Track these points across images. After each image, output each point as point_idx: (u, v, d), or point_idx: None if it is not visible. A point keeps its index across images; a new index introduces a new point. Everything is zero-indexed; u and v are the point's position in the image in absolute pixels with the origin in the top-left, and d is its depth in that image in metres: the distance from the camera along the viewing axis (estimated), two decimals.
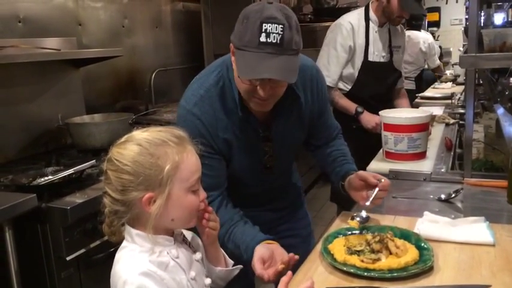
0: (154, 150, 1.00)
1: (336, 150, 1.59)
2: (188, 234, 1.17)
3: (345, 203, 1.64)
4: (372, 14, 2.55)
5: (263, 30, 1.16)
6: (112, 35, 2.92)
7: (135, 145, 1.01)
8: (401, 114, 2.14)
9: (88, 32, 2.73)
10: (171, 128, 1.08)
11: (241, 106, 1.35)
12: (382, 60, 2.58)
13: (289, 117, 1.43)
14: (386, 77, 2.61)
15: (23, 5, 2.34)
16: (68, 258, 1.72)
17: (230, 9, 3.43)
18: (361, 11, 2.59)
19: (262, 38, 1.17)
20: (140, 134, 1.04)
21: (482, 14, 3.06)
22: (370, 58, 2.52)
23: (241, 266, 1.25)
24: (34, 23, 2.39)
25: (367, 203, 1.40)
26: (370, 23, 2.53)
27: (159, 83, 3.27)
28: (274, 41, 1.17)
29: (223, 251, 1.24)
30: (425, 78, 5.41)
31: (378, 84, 2.55)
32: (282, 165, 1.55)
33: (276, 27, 1.17)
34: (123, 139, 1.05)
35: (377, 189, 1.40)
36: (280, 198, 1.64)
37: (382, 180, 1.41)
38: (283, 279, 0.95)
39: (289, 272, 0.97)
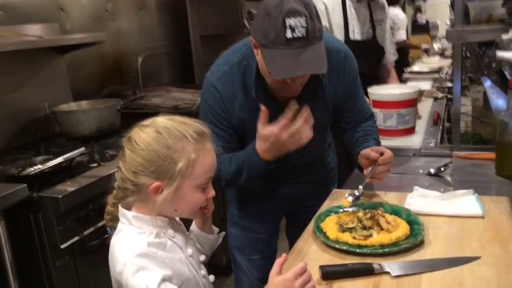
0: (173, 142, 1.00)
1: (360, 131, 1.58)
2: (178, 221, 1.18)
3: None
4: None
5: (287, 26, 1.17)
6: (95, 19, 2.87)
7: (155, 132, 1.01)
8: (389, 90, 2.14)
9: (71, 17, 2.68)
10: (196, 121, 1.07)
11: (257, 88, 1.38)
12: (364, 37, 2.50)
13: (312, 99, 1.43)
14: (369, 55, 2.53)
15: None
16: (62, 247, 1.72)
17: None
18: None
19: (288, 34, 1.17)
20: (163, 121, 1.04)
21: None
22: (352, 37, 2.44)
23: (223, 233, 1.29)
24: (15, 9, 2.33)
25: (366, 180, 1.41)
26: (346, 0, 2.46)
27: (146, 67, 3.22)
28: (300, 35, 1.18)
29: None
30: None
31: (362, 63, 2.49)
32: (306, 144, 1.55)
33: (300, 20, 1.17)
34: (146, 122, 1.05)
35: (376, 164, 1.41)
36: (307, 174, 1.66)
37: (385, 153, 1.42)
38: (278, 261, 0.96)
39: (284, 254, 0.98)
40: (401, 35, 5.38)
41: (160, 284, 0.95)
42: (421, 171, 1.74)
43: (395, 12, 5.38)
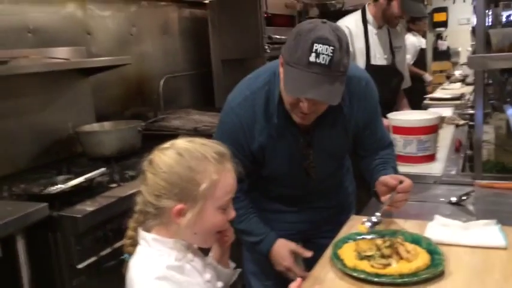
0: (195, 164, 1.01)
1: (379, 158, 1.57)
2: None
3: None
4: (369, 17, 2.52)
5: (313, 50, 1.19)
6: (120, 43, 2.95)
7: (176, 154, 1.02)
8: (409, 116, 2.13)
9: (97, 41, 2.76)
10: (215, 142, 1.08)
11: (279, 113, 1.39)
12: (384, 62, 2.55)
13: (332, 127, 1.44)
14: (390, 80, 2.58)
15: (32, 16, 2.37)
16: (79, 266, 1.73)
17: (237, 15, 3.46)
18: (357, 14, 2.55)
19: (312, 58, 1.19)
20: (183, 143, 1.05)
21: (490, 13, 3.04)
22: (373, 61, 2.49)
23: (239, 270, 1.28)
24: (44, 33, 2.42)
25: (384, 207, 1.39)
26: (368, 25, 2.50)
27: (168, 89, 3.28)
28: (323, 62, 1.19)
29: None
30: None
31: (383, 88, 2.52)
32: (324, 171, 1.57)
33: (327, 48, 1.19)
34: (167, 144, 1.06)
35: (395, 192, 1.39)
36: (324, 199, 1.66)
37: (403, 182, 1.41)
38: (292, 285, 0.95)
39: (299, 279, 0.97)
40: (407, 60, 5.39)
41: None
42: (442, 199, 1.71)
43: (410, 39, 5.39)
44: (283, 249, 1.56)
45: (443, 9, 8.33)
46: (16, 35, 2.28)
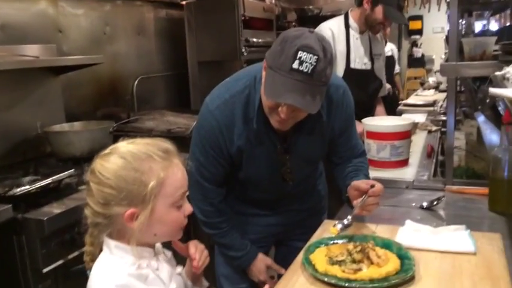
0: (139, 164, 0.98)
1: (351, 166, 1.57)
2: (168, 253, 1.15)
3: None
4: (351, 21, 2.55)
5: (297, 57, 1.18)
6: (93, 42, 2.88)
7: (119, 158, 0.99)
8: (383, 122, 2.15)
9: (68, 39, 2.69)
10: (159, 140, 1.06)
11: (258, 118, 1.38)
12: (363, 67, 2.58)
13: (310, 133, 1.44)
14: (368, 84, 2.61)
15: (1, 12, 2.29)
16: (44, 270, 1.68)
17: (214, 17, 3.44)
18: (340, 18, 2.59)
19: (295, 65, 1.19)
20: (125, 146, 1.01)
21: (463, 22, 3.10)
22: (352, 65, 2.53)
23: None
24: (13, 30, 2.34)
25: (355, 211, 1.40)
26: (351, 30, 2.54)
27: (142, 90, 3.23)
28: (305, 70, 1.19)
29: None
30: None
31: (360, 92, 2.55)
32: (300, 176, 1.57)
33: (311, 57, 1.18)
34: (107, 150, 1.02)
35: (366, 195, 1.39)
36: (296, 203, 1.66)
37: (375, 186, 1.41)
38: None
39: (267, 285, 0.96)
40: (396, 69, 5.46)
41: None
42: (413, 204, 1.72)
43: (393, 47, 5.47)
44: (260, 263, 1.60)
45: (419, 18, 8.50)
46: None
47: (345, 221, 1.38)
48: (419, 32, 8.69)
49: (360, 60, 2.56)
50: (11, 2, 2.35)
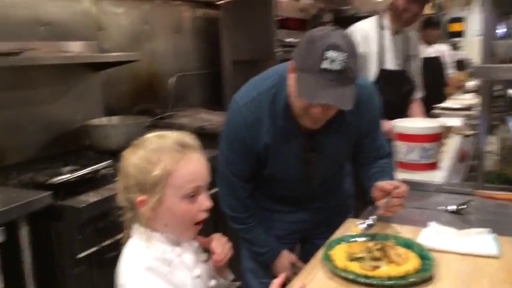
0: (151, 155, 1.04)
1: (376, 167, 1.58)
2: (195, 243, 1.19)
3: None
4: (385, 22, 2.53)
5: (326, 57, 1.20)
6: (132, 40, 2.99)
7: (140, 149, 1.06)
8: (414, 123, 2.13)
9: (109, 37, 2.81)
10: (182, 134, 1.10)
11: (285, 116, 1.40)
12: (397, 68, 2.56)
13: (336, 133, 1.46)
14: (401, 86, 2.58)
15: (46, 9, 2.42)
16: (80, 256, 1.77)
17: (249, 17, 3.48)
18: (374, 19, 2.57)
19: (325, 65, 1.21)
20: (148, 138, 1.08)
21: (503, 25, 3.02)
22: (385, 66, 2.51)
23: (238, 283, 1.31)
24: (56, 27, 2.47)
25: (379, 212, 1.40)
26: (384, 30, 2.52)
27: (178, 87, 3.32)
28: (335, 69, 1.21)
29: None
30: None
31: (393, 93, 2.53)
32: (325, 175, 1.59)
33: (339, 55, 1.21)
34: (136, 141, 1.09)
35: (390, 196, 1.40)
36: (322, 201, 1.68)
37: (400, 187, 1.42)
38: (275, 281, 0.97)
39: (283, 274, 0.99)
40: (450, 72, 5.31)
41: None
42: (441, 207, 1.71)
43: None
44: (285, 260, 1.63)
45: (460, 20, 8.26)
46: (29, 28, 2.33)
47: (368, 221, 1.38)
48: (460, 34, 8.44)
49: (393, 61, 2.54)
50: (56, 0, 2.48)
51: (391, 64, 2.54)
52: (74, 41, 2.50)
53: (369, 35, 2.51)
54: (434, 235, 1.36)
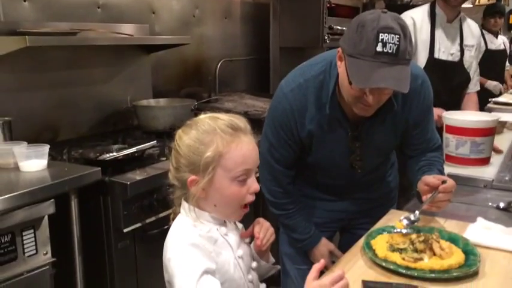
0: (204, 137, 1.05)
1: (425, 160, 1.54)
2: (239, 224, 1.22)
3: None
4: (438, 10, 2.43)
5: (380, 40, 1.19)
6: (183, 24, 3.03)
7: (193, 130, 1.07)
8: (465, 116, 2.05)
9: (160, 20, 2.86)
10: (235, 116, 1.12)
11: (331, 104, 1.39)
12: (450, 58, 2.46)
13: (381, 122, 1.44)
14: (452, 78, 2.47)
15: None
16: (125, 230, 1.84)
17: (299, 3, 3.45)
18: (426, 7, 2.48)
19: (379, 48, 1.19)
20: (201, 120, 1.10)
21: None
22: (436, 55, 2.41)
23: (278, 267, 1.31)
24: (112, 9, 2.54)
25: (423, 206, 1.37)
26: (437, 18, 2.42)
27: (224, 72, 3.35)
28: (390, 51, 1.19)
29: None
30: None
31: (443, 84, 2.42)
32: (369, 165, 1.57)
33: (393, 37, 1.19)
34: (189, 121, 1.12)
35: (437, 191, 1.36)
36: (367, 191, 1.67)
37: (447, 182, 1.38)
38: (315, 266, 0.97)
39: (322, 260, 0.99)
40: (507, 65, 5.02)
41: (202, 275, 0.99)
42: (490, 204, 1.65)
43: None
44: (324, 248, 1.63)
45: None
46: (86, 9, 2.42)
47: (412, 217, 1.34)
48: None
49: (446, 50, 2.44)
50: None
51: (444, 53, 2.44)
52: (127, 24, 2.56)
53: (417, 23, 2.41)
54: (482, 231, 1.31)
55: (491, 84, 4.47)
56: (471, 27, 2.54)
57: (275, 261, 1.30)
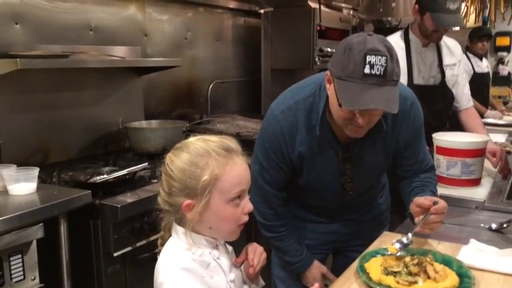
0: (198, 160, 1.04)
1: (417, 181, 1.54)
2: (229, 247, 1.21)
3: None
4: (411, 35, 2.40)
5: (367, 62, 1.20)
6: (175, 46, 3.06)
7: (186, 153, 1.06)
8: (455, 138, 2.07)
9: (152, 43, 2.88)
10: (225, 138, 1.11)
11: (321, 126, 1.40)
12: (430, 83, 2.43)
13: (372, 144, 1.45)
14: (435, 101, 2.43)
15: (95, 15, 2.51)
16: (115, 254, 1.80)
17: (290, 27, 3.50)
18: (400, 33, 2.45)
19: (367, 70, 1.21)
20: (193, 142, 1.09)
21: None
22: (416, 81, 2.38)
23: None
24: (104, 32, 2.56)
25: (416, 229, 1.36)
26: (411, 44, 2.39)
27: (216, 94, 3.36)
28: (378, 73, 1.21)
29: None
30: None
31: (427, 109, 2.36)
32: (361, 187, 1.57)
33: (380, 59, 1.21)
34: (179, 145, 1.10)
35: (429, 213, 1.36)
36: (356, 214, 1.66)
37: (438, 203, 1.38)
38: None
39: (316, 284, 0.98)
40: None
41: None
42: (482, 225, 1.65)
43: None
44: (316, 271, 1.62)
45: (507, 34, 7.99)
46: (78, 32, 2.43)
47: (405, 239, 1.32)
48: (507, 48, 8.16)
49: (426, 75, 2.41)
50: (104, 6, 2.57)
51: (423, 79, 2.41)
52: (119, 46, 2.57)
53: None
54: (475, 253, 1.31)
55: (491, 114, 4.45)
56: (449, 46, 2.50)
57: (266, 284, 1.28)
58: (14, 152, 2.04)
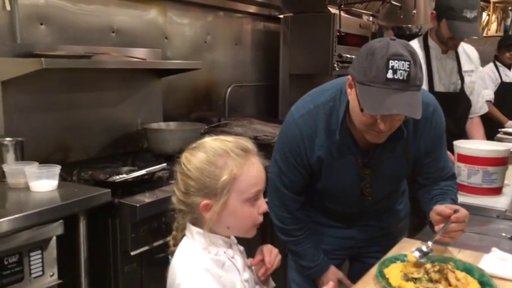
0: (216, 160, 1.04)
1: (438, 189, 1.52)
2: (240, 246, 1.21)
3: None
4: (431, 42, 2.38)
5: (390, 67, 1.19)
6: (194, 49, 3.08)
7: (202, 153, 1.06)
8: (477, 145, 2.04)
9: (173, 46, 2.91)
10: (241, 138, 1.11)
11: (341, 130, 1.39)
12: (451, 90, 2.40)
13: (392, 150, 1.43)
14: (456, 108, 2.41)
15: (117, 18, 2.56)
16: (132, 253, 1.81)
17: (309, 31, 3.51)
18: (420, 40, 2.42)
19: (389, 75, 1.20)
20: (209, 142, 1.09)
21: None
22: (437, 88, 2.36)
23: None
24: (125, 34, 2.60)
25: (436, 237, 1.34)
26: (431, 50, 2.37)
27: (234, 97, 3.38)
28: (401, 78, 1.20)
29: None
30: None
31: (448, 116, 2.35)
32: (380, 193, 1.56)
33: (403, 64, 1.20)
34: (194, 144, 1.11)
35: (449, 221, 1.34)
36: (374, 220, 1.65)
37: (459, 211, 1.36)
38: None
39: (331, 282, 0.97)
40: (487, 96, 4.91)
41: None
42: (503, 234, 1.62)
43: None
44: (332, 276, 1.60)
45: None
46: (101, 34, 2.47)
47: (424, 248, 1.30)
48: None
49: (446, 82, 2.39)
50: (126, 9, 2.61)
51: (444, 85, 2.38)
52: (140, 48, 2.60)
53: None
54: (497, 261, 1.28)
55: (510, 124, 4.33)
56: (467, 52, 2.48)
57: (280, 287, 1.27)
58: (36, 150, 2.07)
